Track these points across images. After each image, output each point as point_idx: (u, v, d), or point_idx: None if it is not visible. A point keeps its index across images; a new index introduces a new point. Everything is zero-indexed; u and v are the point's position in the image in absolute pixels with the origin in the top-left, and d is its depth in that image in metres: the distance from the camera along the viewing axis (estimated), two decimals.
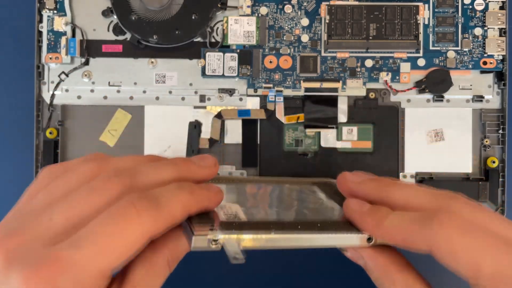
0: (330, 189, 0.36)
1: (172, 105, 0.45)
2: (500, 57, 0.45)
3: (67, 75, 0.45)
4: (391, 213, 0.24)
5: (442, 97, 0.45)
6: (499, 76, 0.45)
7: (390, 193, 0.26)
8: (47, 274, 0.19)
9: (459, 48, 0.45)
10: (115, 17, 0.45)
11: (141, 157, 0.27)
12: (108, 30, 0.45)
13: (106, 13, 0.45)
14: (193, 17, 0.44)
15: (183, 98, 0.45)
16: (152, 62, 0.45)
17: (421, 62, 0.45)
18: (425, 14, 0.45)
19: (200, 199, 0.25)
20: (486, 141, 0.45)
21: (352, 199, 0.27)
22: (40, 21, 0.45)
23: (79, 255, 0.20)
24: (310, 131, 0.45)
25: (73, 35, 0.45)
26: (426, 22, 0.45)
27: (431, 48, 0.45)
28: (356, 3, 0.44)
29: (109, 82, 0.45)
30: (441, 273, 0.26)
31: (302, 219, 0.30)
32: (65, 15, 0.45)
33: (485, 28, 0.45)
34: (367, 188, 0.27)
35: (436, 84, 0.44)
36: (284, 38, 0.45)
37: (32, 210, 0.22)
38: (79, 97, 0.45)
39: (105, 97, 0.45)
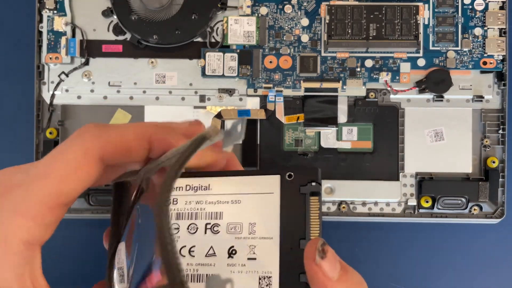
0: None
1: (172, 105, 0.45)
2: (500, 57, 0.44)
3: (67, 75, 0.45)
4: None
5: (442, 97, 0.45)
6: (499, 76, 0.45)
7: None
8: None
9: (459, 48, 0.45)
10: (115, 17, 0.45)
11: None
12: (108, 30, 0.45)
13: (106, 13, 0.45)
14: (193, 17, 0.44)
15: (183, 98, 0.45)
16: (152, 62, 0.45)
17: (421, 62, 0.45)
18: (425, 14, 0.45)
19: (161, 127, 0.23)
20: (486, 141, 0.45)
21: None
22: (40, 21, 0.45)
23: (28, 179, 0.20)
24: (310, 131, 0.45)
25: (73, 35, 0.45)
26: (426, 22, 0.45)
27: (431, 48, 0.45)
28: (356, 3, 0.44)
29: (109, 82, 0.45)
30: None
31: None
32: (65, 15, 0.45)
33: (485, 28, 0.45)
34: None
35: (436, 84, 0.44)
36: (284, 38, 0.45)
37: None
38: (79, 97, 0.45)
39: (105, 97, 0.45)
